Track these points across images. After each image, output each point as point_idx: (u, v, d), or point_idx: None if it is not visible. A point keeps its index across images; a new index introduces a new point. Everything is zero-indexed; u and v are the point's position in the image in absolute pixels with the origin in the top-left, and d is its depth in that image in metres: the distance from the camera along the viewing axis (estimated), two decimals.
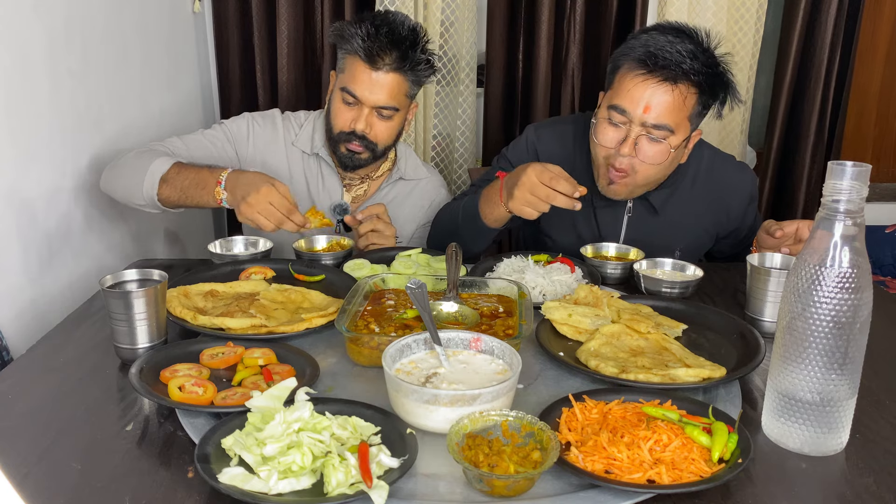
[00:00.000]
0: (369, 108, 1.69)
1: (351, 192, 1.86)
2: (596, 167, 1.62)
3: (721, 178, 1.71)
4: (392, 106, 1.69)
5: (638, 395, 1.00)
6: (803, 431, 0.92)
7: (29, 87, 1.50)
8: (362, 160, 1.76)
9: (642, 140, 1.50)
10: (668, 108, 1.48)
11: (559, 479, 0.86)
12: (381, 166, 1.87)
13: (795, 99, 2.63)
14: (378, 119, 1.71)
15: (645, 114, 1.48)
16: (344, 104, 1.70)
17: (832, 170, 0.87)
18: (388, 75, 1.66)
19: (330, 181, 1.84)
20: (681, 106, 1.49)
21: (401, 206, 1.88)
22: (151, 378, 1.02)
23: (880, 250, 2.75)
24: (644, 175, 1.55)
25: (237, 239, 1.60)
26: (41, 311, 1.53)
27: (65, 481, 0.85)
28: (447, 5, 2.39)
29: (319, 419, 0.88)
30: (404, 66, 1.66)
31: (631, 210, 1.70)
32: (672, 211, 1.69)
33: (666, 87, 1.47)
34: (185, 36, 2.42)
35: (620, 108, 1.51)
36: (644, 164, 1.52)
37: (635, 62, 1.49)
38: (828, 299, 0.87)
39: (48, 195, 1.57)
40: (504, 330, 1.18)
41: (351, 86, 1.67)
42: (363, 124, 1.69)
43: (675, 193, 1.69)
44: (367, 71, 1.65)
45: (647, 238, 1.69)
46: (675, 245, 1.71)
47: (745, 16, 2.47)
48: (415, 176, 1.91)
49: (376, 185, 1.89)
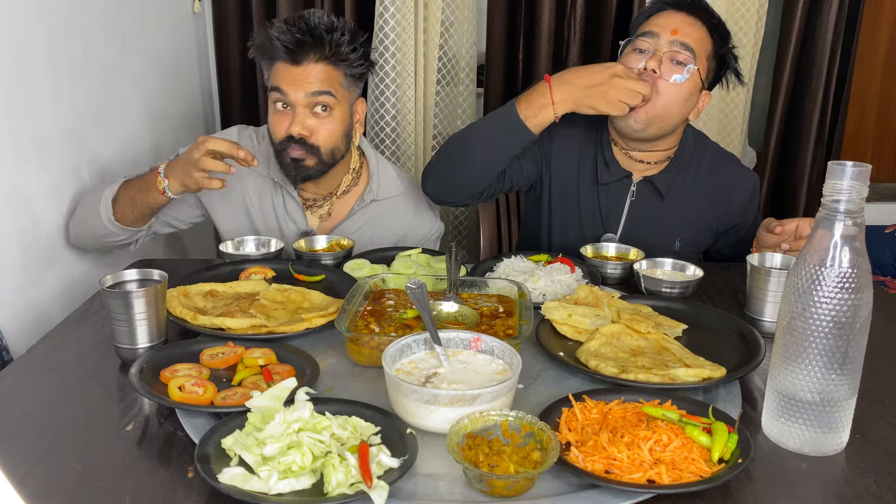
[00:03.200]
0: (302, 108, 1.56)
1: (315, 213, 1.74)
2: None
3: (724, 173, 1.73)
4: (323, 90, 1.55)
5: (638, 395, 1.00)
6: (803, 431, 0.92)
7: (29, 87, 1.50)
8: (308, 168, 1.60)
9: (667, 60, 1.56)
10: (694, 36, 1.58)
11: (559, 479, 0.86)
12: (341, 180, 1.73)
13: (796, 99, 2.63)
14: (314, 118, 1.58)
15: (673, 35, 1.57)
16: (277, 112, 1.59)
17: (832, 170, 0.87)
18: (311, 66, 1.55)
19: (290, 205, 1.72)
20: (704, 38, 1.60)
21: (377, 227, 1.76)
22: (151, 378, 1.02)
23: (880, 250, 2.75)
24: (664, 101, 1.57)
25: (248, 239, 1.60)
26: (41, 311, 1.53)
27: (65, 481, 0.85)
28: (447, 5, 2.38)
29: (319, 419, 0.88)
30: (326, 53, 1.55)
31: (634, 194, 1.70)
32: (675, 198, 1.70)
33: (692, 19, 1.59)
34: (185, 36, 2.42)
35: (649, 31, 1.59)
36: (666, 84, 1.56)
37: (664, 4, 1.62)
38: (828, 299, 0.87)
39: (48, 195, 1.57)
40: (504, 330, 1.18)
41: (277, 82, 1.57)
42: (298, 126, 1.56)
43: (679, 177, 1.70)
44: (290, 67, 1.56)
45: (648, 225, 1.70)
46: (676, 235, 1.72)
47: (745, 16, 2.47)
48: (388, 194, 1.76)
49: (343, 203, 1.76)
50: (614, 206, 1.72)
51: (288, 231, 1.74)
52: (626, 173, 1.70)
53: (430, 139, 2.53)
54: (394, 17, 2.23)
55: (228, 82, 2.58)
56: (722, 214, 1.74)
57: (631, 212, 1.72)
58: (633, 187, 1.70)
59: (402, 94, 2.34)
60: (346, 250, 1.59)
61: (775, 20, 2.65)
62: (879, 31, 3.03)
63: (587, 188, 1.73)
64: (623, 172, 1.70)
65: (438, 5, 2.34)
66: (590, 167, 1.72)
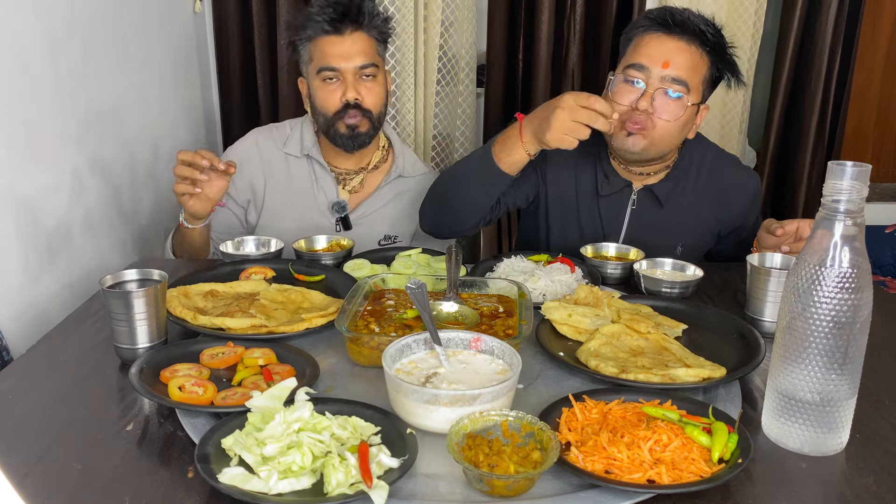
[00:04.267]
0: (352, 76, 1.70)
1: (347, 186, 1.85)
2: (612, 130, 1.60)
3: (725, 176, 1.72)
4: (371, 62, 1.70)
5: (638, 395, 1.00)
6: (803, 431, 0.92)
7: (29, 87, 1.50)
8: (363, 134, 1.74)
9: (659, 95, 1.53)
10: (686, 65, 1.53)
11: (559, 479, 0.86)
12: (373, 155, 1.87)
13: (795, 99, 2.63)
14: (363, 83, 1.72)
15: (665, 69, 1.51)
16: (327, 85, 1.71)
17: (832, 170, 0.87)
18: (354, 35, 1.69)
19: (324, 180, 1.84)
20: (697, 65, 1.54)
21: (402, 202, 1.88)
22: (151, 378, 1.02)
23: (880, 250, 2.75)
24: (661, 131, 1.55)
25: (248, 239, 1.60)
26: (41, 311, 1.53)
27: (65, 481, 0.85)
28: (447, 5, 2.38)
29: (319, 419, 0.88)
30: (364, 21, 1.69)
31: (635, 202, 1.70)
32: (676, 204, 1.69)
33: (683, 45, 1.53)
34: (185, 36, 2.42)
35: (639, 64, 1.54)
36: (661, 120, 1.53)
37: (653, 24, 1.55)
38: (828, 299, 0.87)
39: (48, 195, 1.57)
40: (504, 330, 1.18)
41: (326, 62, 1.69)
42: (353, 92, 1.70)
43: (678, 186, 1.69)
44: (336, 40, 1.68)
45: (650, 232, 1.69)
46: (677, 241, 1.71)
47: (742, 15, 2.47)
48: (413, 172, 1.90)
49: (373, 178, 1.88)
50: (615, 215, 1.72)
51: (316, 200, 1.83)
52: (626, 183, 1.69)
53: (430, 139, 2.53)
54: (393, 16, 2.22)
55: (228, 82, 2.58)
56: (724, 218, 1.73)
57: (632, 220, 1.71)
58: (634, 196, 1.70)
59: (401, 94, 2.34)
60: (346, 250, 1.59)
61: (775, 19, 2.65)
62: (879, 31, 3.03)
63: (587, 200, 1.72)
64: (623, 183, 1.69)
65: (438, 5, 2.34)
66: (589, 179, 1.72)
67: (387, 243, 1.86)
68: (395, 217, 1.87)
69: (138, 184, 2.02)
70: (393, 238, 1.87)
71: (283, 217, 1.82)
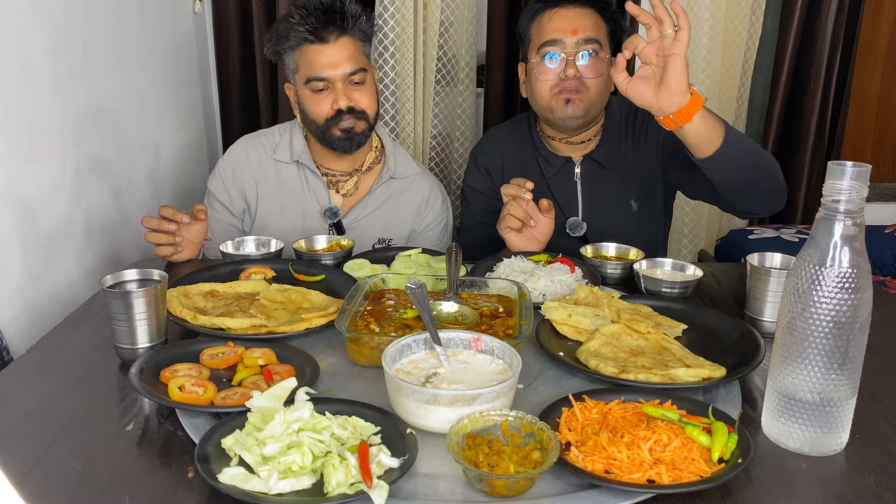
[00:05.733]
0: (341, 83, 1.69)
1: (341, 190, 1.83)
2: (546, 107, 1.70)
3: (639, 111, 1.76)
4: (359, 68, 1.69)
5: (638, 395, 1.00)
6: (803, 431, 0.92)
7: (29, 87, 1.50)
8: (359, 134, 1.73)
9: (580, 59, 1.65)
10: (591, 26, 1.66)
11: (559, 479, 0.86)
12: (366, 156, 1.85)
13: (795, 99, 2.63)
14: (353, 88, 1.70)
15: (575, 35, 1.64)
16: (316, 95, 1.70)
17: (832, 170, 0.87)
18: (340, 41, 1.67)
19: (315, 186, 1.82)
20: (598, 23, 1.67)
21: (395, 205, 1.86)
22: (151, 378, 1.02)
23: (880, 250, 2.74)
24: (594, 90, 1.67)
25: (248, 239, 1.60)
26: (41, 311, 1.53)
27: (65, 481, 0.85)
28: (447, 5, 2.38)
29: (319, 419, 0.88)
30: (347, 26, 1.67)
31: (580, 175, 1.78)
32: (618, 162, 1.78)
33: (580, 9, 1.66)
34: (185, 36, 2.42)
35: (551, 40, 1.65)
36: (590, 80, 1.65)
37: (547, 3, 1.67)
38: (828, 299, 0.87)
39: (48, 195, 1.57)
40: (504, 330, 1.17)
41: (314, 71, 1.67)
42: (344, 100, 1.69)
43: (614, 145, 1.77)
44: (321, 48, 1.67)
45: (603, 196, 1.77)
46: (631, 193, 1.78)
47: (738, 15, 2.47)
48: (405, 174, 1.88)
49: (366, 180, 1.86)
50: (567, 192, 1.79)
51: (311, 208, 1.81)
52: (566, 159, 1.78)
53: (429, 139, 2.53)
54: (393, 17, 2.23)
55: (228, 82, 2.58)
56: (657, 147, 1.75)
57: (584, 191, 1.79)
58: (577, 168, 1.78)
59: (401, 94, 2.34)
60: (346, 250, 1.59)
61: (774, 19, 2.65)
62: (879, 31, 3.03)
63: (538, 187, 1.72)
64: (563, 159, 1.78)
65: (438, 5, 2.34)
66: (534, 168, 1.80)
67: (381, 247, 1.84)
68: (388, 220, 1.85)
69: (138, 184, 2.02)
70: (387, 241, 1.85)
71: (276, 224, 1.81)
